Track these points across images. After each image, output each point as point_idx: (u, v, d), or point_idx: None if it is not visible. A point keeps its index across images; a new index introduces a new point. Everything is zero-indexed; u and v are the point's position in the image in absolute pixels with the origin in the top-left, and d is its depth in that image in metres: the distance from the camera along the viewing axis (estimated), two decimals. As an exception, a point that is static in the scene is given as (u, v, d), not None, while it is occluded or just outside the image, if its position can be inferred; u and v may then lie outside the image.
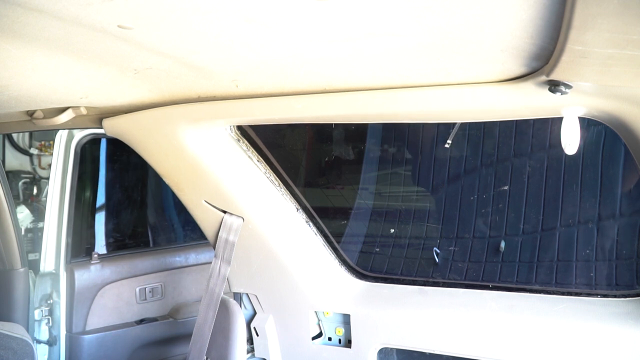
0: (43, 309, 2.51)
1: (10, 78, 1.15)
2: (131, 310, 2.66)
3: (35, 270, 2.58)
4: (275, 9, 0.81)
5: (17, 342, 1.81)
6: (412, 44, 0.94)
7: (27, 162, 5.13)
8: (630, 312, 1.35)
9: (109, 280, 2.60)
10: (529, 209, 2.14)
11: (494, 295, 1.53)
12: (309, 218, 1.76)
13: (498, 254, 2.14)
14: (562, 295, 1.47)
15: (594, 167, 2.01)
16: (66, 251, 2.52)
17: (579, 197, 2.06)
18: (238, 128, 1.66)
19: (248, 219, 1.67)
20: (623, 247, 1.92)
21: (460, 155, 2.34)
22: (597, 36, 0.73)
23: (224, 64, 1.13)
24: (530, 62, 0.97)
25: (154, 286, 2.73)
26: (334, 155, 2.93)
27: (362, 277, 1.72)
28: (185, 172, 1.64)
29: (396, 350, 1.68)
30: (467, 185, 2.32)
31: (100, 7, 0.80)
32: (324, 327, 1.76)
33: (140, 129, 1.57)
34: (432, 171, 2.34)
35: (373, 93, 1.21)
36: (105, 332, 2.54)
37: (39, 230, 4.36)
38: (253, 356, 1.85)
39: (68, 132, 2.58)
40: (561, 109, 1.11)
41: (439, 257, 2.17)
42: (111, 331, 2.55)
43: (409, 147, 2.59)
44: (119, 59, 1.11)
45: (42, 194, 4.91)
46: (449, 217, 2.28)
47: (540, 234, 2.11)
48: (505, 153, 2.26)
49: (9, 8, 0.81)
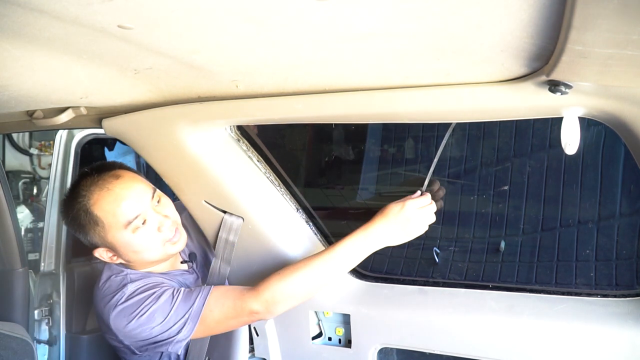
0: (43, 309, 2.51)
1: (10, 78, 1.14)
2: (131, 310, 2.66)
3: (35, 270, 2.58)
4: (275, 9, 0.81)
5: (17, 342, 1.81)
6: (412, 44, 0.94)
7: (27, 162, 5.13)
8: (630, 312, 1.35)
9: (109, 280, 2.60)
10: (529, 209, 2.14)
11: (494, 295, 1.53)
12: (309, 218, 1.76)
13: (498, 254, 2.14)
14: (562, 295, 1.47)
15: (594, 167, 2.01)
16: (66, 251, 2.52)
17: (579, 197, 2.06)
18: (238, 128, 1.66)
19: (248, 219, 1.67)
20: (623, 247, 1.92)
21: (461, 155, 2.34)
22: (597, 36, 0.72)
23: (224, 64, 1.13)
24: (530, 62, 0.97)
25: (154, 286, 2.72)
26: (334, 155, 2.92)
27: (362, 277, 1.72)
28: (185, 172, 1.64)
29: (396, 350, 1.68)
30: (467, 185, 2.32)
31: (100, 7, 0.80)
32: (324, 327, 1.76)
33: (140, 129, 1.57)
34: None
35: (373, 93, 1.21)
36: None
37: (39, 230, 4.36)
38: (253, 356, 1.85)
39: (68, 132, 2.58)
40: (561, 109, 1.11)
41: (439, 257, 2.17)
42: (111, 331, 2.55)
43: (409, 147, 2.59)
44: (119, 59, 1.11)
45: (42, 194, 4.91)
46: (449, 217, 2.28)
47: (540, 234, 2.11)
48: (505, 153, 2.26)
49: (9, 8, 0.81)
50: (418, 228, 1.46)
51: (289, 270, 1.47)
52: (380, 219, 1.45)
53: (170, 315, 1.45)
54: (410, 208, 1.44)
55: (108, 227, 1.48)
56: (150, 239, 1.50)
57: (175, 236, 1.54)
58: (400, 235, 1.46)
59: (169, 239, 1.53)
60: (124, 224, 1.47)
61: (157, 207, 1.53)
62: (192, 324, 1.46)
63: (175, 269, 1.67)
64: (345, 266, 1.50)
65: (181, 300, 1.47)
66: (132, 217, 1.47)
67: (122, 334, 1.48)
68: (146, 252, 1.52)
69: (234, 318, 1.48)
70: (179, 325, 1.45)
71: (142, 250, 1.51)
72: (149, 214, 1.50)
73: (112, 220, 1.47)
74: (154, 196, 1.53)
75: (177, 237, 1.54)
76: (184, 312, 1.46)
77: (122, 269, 1.57)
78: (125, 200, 1.47)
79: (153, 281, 1.54)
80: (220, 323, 1.49)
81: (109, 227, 1.48)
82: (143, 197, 1.50)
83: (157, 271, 1.60)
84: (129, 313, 1.46)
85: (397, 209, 1.44)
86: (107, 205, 1.47)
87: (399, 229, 1.45)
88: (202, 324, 1.47)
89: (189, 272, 1.70)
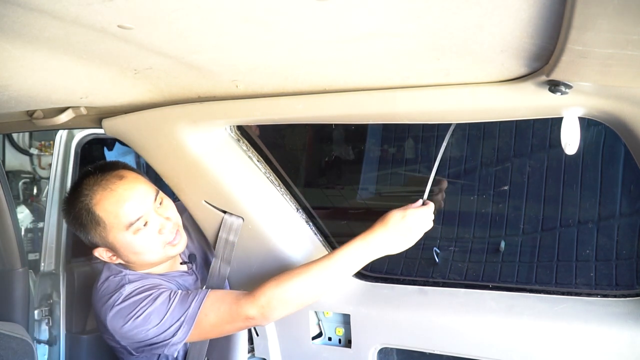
0: (43, 309, 2.51)
1: (10, 78, 1.14)
2: (131, 310, 2.66)
3: (35, 270, 2.58)
4: (276, 9, 0.81)
5: (17, 342, 1.81)
6: (412, 44, 0.94)
7: (27, 162, 5.13)
8: (630, 312, 1.35)
9: (109, 280, 2.60)
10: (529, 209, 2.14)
11: (494, 295, 1.53)
12: (309, 218, 1.76)
13: (498, 254, 2.14)
14: (562, 295, 1.47)
15: (594, 167, 2.01)
16: (66, 251, 2.52)
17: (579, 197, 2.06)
18: (238, 128, 1.66)
19: (248, 219, 1.67)
20: (623, 247, 1.92)
21: (461, 156, 2.34)
22: (597, 36, 0.72)
23: (224, 64, 1.13)
24: (530, 62, 0.97)
25: (154, 286, 2.72)
26: (334, 155, 2.92)
27: (362, 277, 1.72)
28: (185, 172, 1.64)
29: (396, 350, 1.68)
30: (467, 185, 2.32)
31: (100, 7, 0.80)
32: (324, 327, 1.76)
33: (140, 129, 1.57)
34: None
35: (373, 93, 1.21)
36: (106, 332, 2.54)
37: (39, 230, 4.36)
38: (253, 356, 1.85)
39: (68, 132, 2.58)
40: (561, 109, 1.11)
41: (439, 257, 2.17)
42: (111, 331, 2.55)
43: (409, 147, 2.59)
44: (119, 59, 1.11)
45: (42, 194, 4.91)
46: (449, 216, 2.28)
47: (540, 234, 2.11)
48: (505, 153, 2.26)
49: (9, 8, 0.81)
50: (417, 236, 1.45)
51: (286, 276, 1.45)
52: (382, 227, 1.43)
53: (166, 317, 1.45)
54: (412, 218, 1.42)
55: (109, 227, 1.48)
56: (151, 241, 1.50)
57: (175, 238, 1.54)
58: (401, 244, 1.44)
59: (170, 241, 1.53)
60: (126, 225, 1.47)
61: (159, 209, 1.52)
62: (188, 327, 1.45)
63: (174, 270, 1.67)
64: (344, 273, 1.48)
65: (177, 303, 1.46)
66: (134, 218, 1.47)
67: (119, 334, 1.48)
68: (146, 254, 1.52)
69: (229, 323, 1.48)
70: (174, 328, 1.45)
71: (143, 252, 1.51)
72: (150, 216, 1.50)
73: (113, 221, 1.47)
74: (156, 198, 1.53)
75: (177, 240, 1.54)
76: (179, 315, 1.45)
77: (120, 270, 1.57)
78: (128, 202, 1.47)
79: (151, 283, 1.54)
80: (216, 327, 1.48)
81: (110, 227, 1.48)
82: (146, 199, 1.50)
83: (156, 272, 1.60)
84: (126, 314, 1.46)
85: (399, 218, 1.42)
86: (109, 206, 1.47)
87: (400, 238, 1.43)
88: (197, 327, 1.46)
89: (188, 273, 1.70)
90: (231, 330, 1.58)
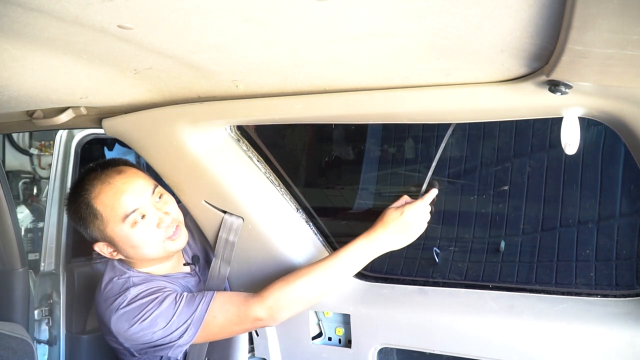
0: (43, 309, 2.51)
1: (10, 78, 1.15)
2: (131, 310, 2.65)
3: (35, 270, 2.58)
4: (275, 9, 0.81)
5: (17, 342, 1.81)
6: (412, 44, 0.94)
7: (27, 162, 5.13)
8: (630, 312, 1.35)
9: (109, 280, 2.60)
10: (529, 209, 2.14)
11: (494, 295, 1.53)
12: (309, 218, 1.76)
13: (498, 254, 2.14)
14: (562, 295, 1.47)
15: (594, 167, 2.00)
16: (66, 251, 2.53)
17: (579, 197, 2.05)
18: (238, 128, 1.66)
19: (248, 219, 1.67)
20: (623, 247, 1.92)
21: (460, 155, 2.34)
22: (597, 36, 0.72)
23: (224, 64, 1.13)
24: (530, 62, 0.97)
25: (154, 286, 2.72)
26: (334, 155, 2.92)
27: (362, 277, 1.72)
28: (185, 172, 1.64)
29: (396, 350, 1.68)
30: (467, 185, 2.32)
31: (100, 7, 0.80)
32: (324, 327, 1.76)
33: (140, 129, 1.57)
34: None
35: (373, 93, 1.21)
36: (106, 332, 2.54)
37: (39, 230, 4.36)
38: (253, 356, 1.85)
39: (68, 132, 2.58)
40: (561, 109, 1.11)
41: (439, 257, 2.17)
42: (111, 331, 2.55)
43: (409, 147, 2.59)
44: (119, 59, 1.11)
45: (42, 194, 4.91)
46: (449, 217, 2.28)
47: (540, 234, 2.10)
48: (505, 153, 2.25)
49: (9, 8, 0.81)
50: (419, 230, 1.48)
51: (292, 277, 1.47)
52: (381, 226, 1.47)
53: (172, 320, 1.45)
54: (409, 213, 1.46)
55: (107, 220, 1.48)
56: (149, 235, 1.50)
57: (175, 234, 1.54)
58: (403, 239, 1.48)
59: (169, 236, 1.53)
60: (122, 217, 1.47)
61: (158, 204, 1.53)
62: (195, 329, 1.46)
63: (177, 271, 1.67)
64: (348, 272, 1.52)
65: (184, 306, 1.47)
66: (130, 210, 1.47)
67: (123, 337, 1.48)
68: (145, 248, 1.52)
69: (238, 324, 1.48)
70: (181, 331, 1.45)
71: (141, 246, 1.51)
72: (148, 209, 1.50)
73: (110, 214, 1.48)
74: (154, 192, 1.53)
75: (176, 235, 1.54)
76: (186, 317, 1.46)
77: (124, 270, 1.57)
78: (125, 194, 1.48)
79: (156, 285, 1.54)
80: (224, 329, 1.49)
81: (107, 220, 1.48)
82: (143, 192, 1.51)
83: (160, 273, 1.60)
84: (131, 317, 1.46)
85: (397, 215, 1.46)
86: (107, 199, 1.48)
87: (401, 234, 1.47)
88: (204, 329, 1.47)
89: (191, 274, 1.70)
90: (238, 332, 1.59)
